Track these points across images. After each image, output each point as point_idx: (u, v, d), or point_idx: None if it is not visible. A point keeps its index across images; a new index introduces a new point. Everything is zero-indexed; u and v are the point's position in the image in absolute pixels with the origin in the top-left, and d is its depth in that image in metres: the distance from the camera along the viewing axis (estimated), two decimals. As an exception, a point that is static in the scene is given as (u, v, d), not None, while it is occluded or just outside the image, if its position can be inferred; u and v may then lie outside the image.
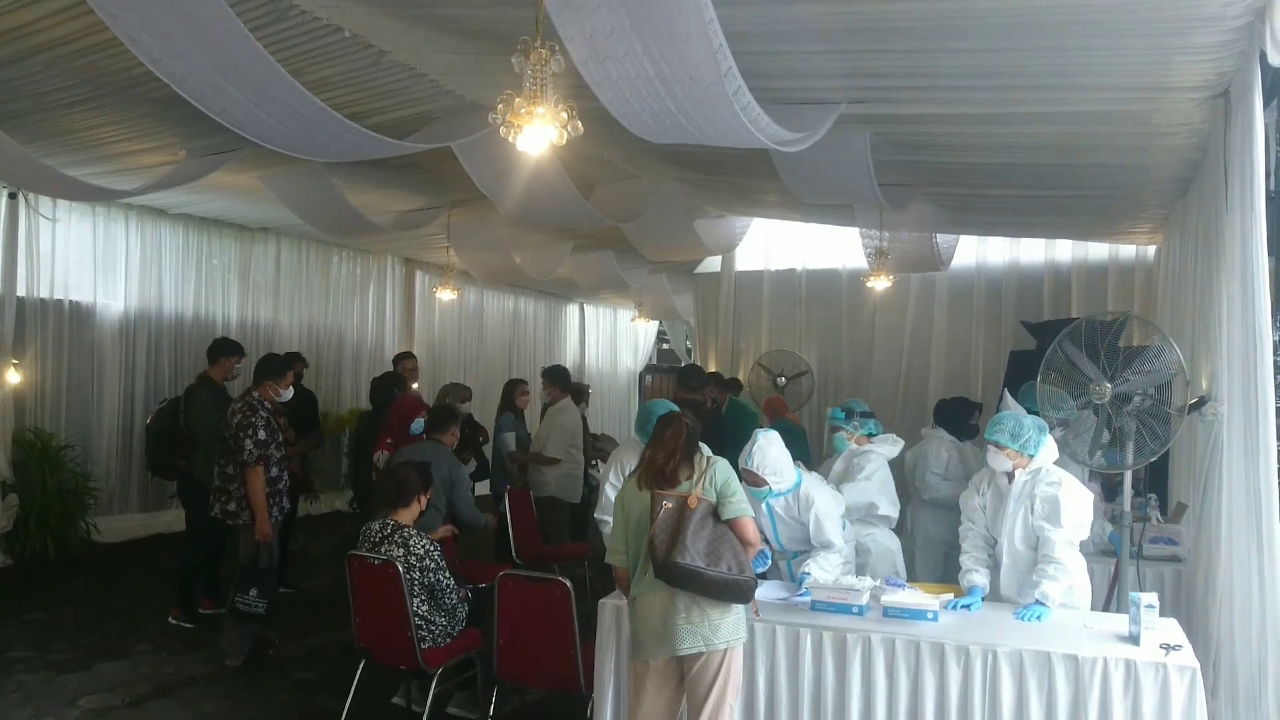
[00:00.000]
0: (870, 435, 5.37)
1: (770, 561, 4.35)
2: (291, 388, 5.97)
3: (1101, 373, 4.25)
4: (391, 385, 7.08)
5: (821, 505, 4.34)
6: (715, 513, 3.48)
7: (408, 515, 4.56)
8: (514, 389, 7.97)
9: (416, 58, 4.94)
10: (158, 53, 3.89)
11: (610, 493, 4.56)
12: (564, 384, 7.73)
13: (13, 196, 7.67)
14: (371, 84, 5.20)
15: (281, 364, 5.91)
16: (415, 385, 8.13)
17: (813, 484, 4.41)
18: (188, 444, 6.31)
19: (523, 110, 2.78)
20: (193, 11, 3.61)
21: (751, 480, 4.19)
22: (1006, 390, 5.91)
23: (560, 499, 7.42)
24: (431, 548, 4.45)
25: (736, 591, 3.42)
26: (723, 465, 3.60)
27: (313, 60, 4.74)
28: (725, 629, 3.44)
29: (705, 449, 3.70)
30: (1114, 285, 9.32)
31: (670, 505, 3.46)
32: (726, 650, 3.46)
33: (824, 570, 4.24)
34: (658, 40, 3.30)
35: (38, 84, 5.06)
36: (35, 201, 7.83)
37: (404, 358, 8.03)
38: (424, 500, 4.65)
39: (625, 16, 3.24)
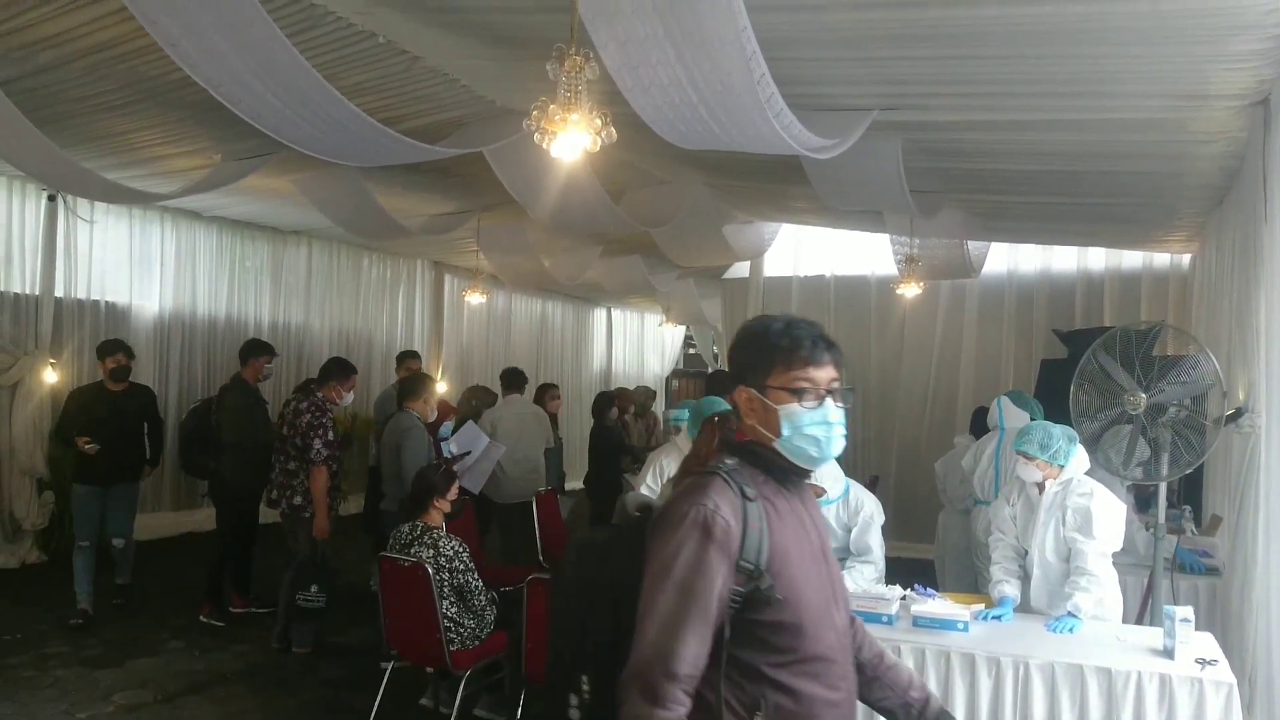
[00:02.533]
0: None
1: None
2: (352, 393, 6.07)
3: (1136, 383, 4.21)
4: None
5: (869, 510, 4.33)
6: None
7: (437, 516, 4.59)
8: (544, 394, 8.00)
9: (449, 63, 4.97)
10: (196, 58, 3.94)
11: (645, 492, 4.55)
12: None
13: (51, 199, 7.80)
14: (404, 89, 5.25)
15: (348, 368, 6.02)
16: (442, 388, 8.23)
17: (858, 489, 4.40)
18: (219, 444, 6.40)
19: (557, 117, 2.79)
20: (230, 17, 3.66)
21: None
22: (1005, 398, 5.85)
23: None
24: (461, 549, 4.48)
25: None
26: None
27: (347, 66, 4.78)
28: None
29: None
30: (1147, 294, 9.21)
31: None
32: None
33: (857, 582, 4.22)
34: (690, 47, 3.31)
35: (79, 89, 5.14)
36: (74, 204, 7.96)
37: (408, 357, 8.10)
38: (445, 503, 4.67)
39: (659, 23, 3.25)
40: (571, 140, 2.87)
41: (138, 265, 8.83)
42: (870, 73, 4.32)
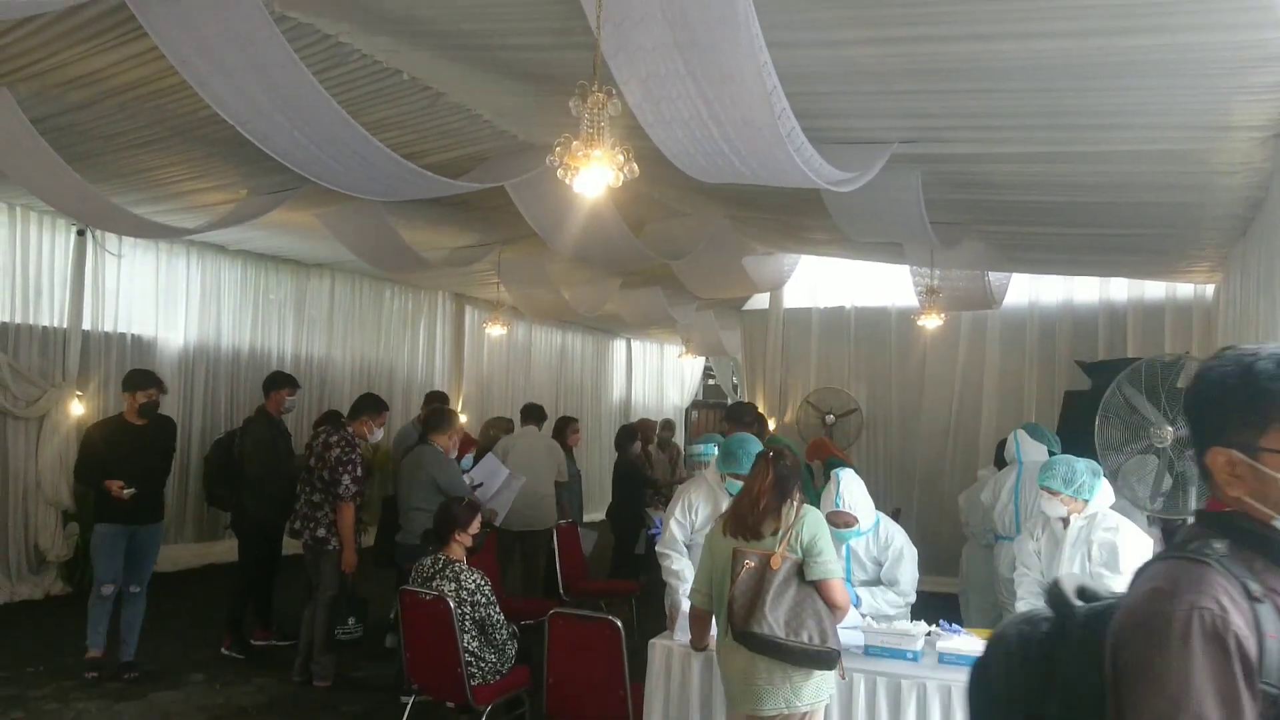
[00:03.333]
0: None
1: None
2: (382, 429, 6.11)
3: (1162, 416, 4.17)
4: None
5: (899, 543, 4.30)
6: (800, 572, 3.32)
7: (458, 550, 4.59)
8: (565, 427, 8.01)
9: (472, 99, 5.03)
10: (224, 95, 4.02)
11: (675, 528, 4.52)
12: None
13: (81, 234, 7.92)
14: (428, 124, 5.32)
15: (380, 404, 6.07)
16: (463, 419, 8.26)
17: (888, 522, 4.38)
18: (242, 476, 6.43)
19: (580, 153, 2.82)
20: (259, 56, 3.73)
21: (841, 522, 4.11)
22: (1021, 431, 5.80)
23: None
24: (483, 582, 4.47)
25: (818, 661, 3.26)
26: (813, 518, 3.42)
27: (371, 102, 4.85)
28: (808, 691, 3.31)
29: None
30: (1171, 325, 9.13)
31: (752, 565, 3.30)
32: (808, 713, 3.34)
33: (874, 600, 4.18)
34: (712, 83, 3.34)
35: (109, 126, 5.24)
36: (102, 239, 8.07)
37: (435, 399, 8.17)
38: (467, 536, 4.67)
39: (680, 60, 3.29)
40: (594, 176, 2.90)
41: (164, 298, 8.93)
42: (890, 106, 4.34)
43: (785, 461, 3.47)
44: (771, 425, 10.15)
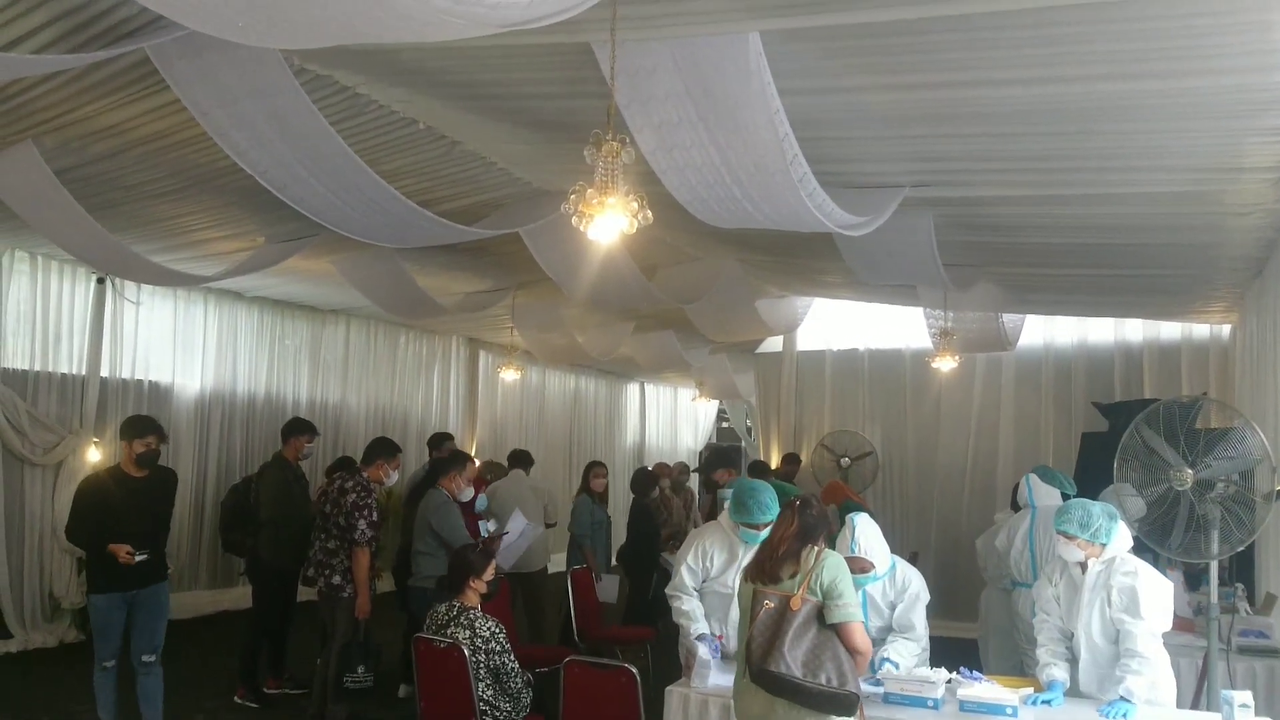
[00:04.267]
0: None
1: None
2: (397, 471, 6.08)
3: (1182, 458, 4.13)
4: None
5: (916, 588, 4.25)
6: (821, 615, 3.27)
7: (473, 596, 4.56)
8: (591, 471, 7.97)
9: (487, 147, 5.10)
10: (244, 146, 4.09)
11: (685, 573, 4.46)
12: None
13: (101, 281, 8.01)
14: (443, 172, 5.39)
15: (394, 447, 6.04)
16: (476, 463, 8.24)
17: (905, 566, 4.33)
18: (257, 522, 6.42)
19: (594, 201, 2.85)
20: (279, 107, 3.80)
21: (857, 567, 4.06)
22: (1033, 475, 5.74)
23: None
24: (497, 629, 4.43)
25: (836, 705, 3.18)
26: (833, 561, 3.36)
27: (388, 151, 4.92)
28: None
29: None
30: (1188, 365, 9.08)
31: (771, 605, 3.26)
32: None
33: (903, 657, 4.13)
34: (724, 130, 3.39)
35: (131, 176, 5.32)
36: (121, 286, 8.16)
37: (443, 439, 8.17)
38: (481, 583, 4.63)
39: (692, 107, 3.34)
40: (609, 223, 2.92)
41: (181, 345, 9.00)
42: (901, 150, 4.38)
43: (811, 510, 3.43)
44: (774, 463, 10.14)
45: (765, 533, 4.20)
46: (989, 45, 3.22)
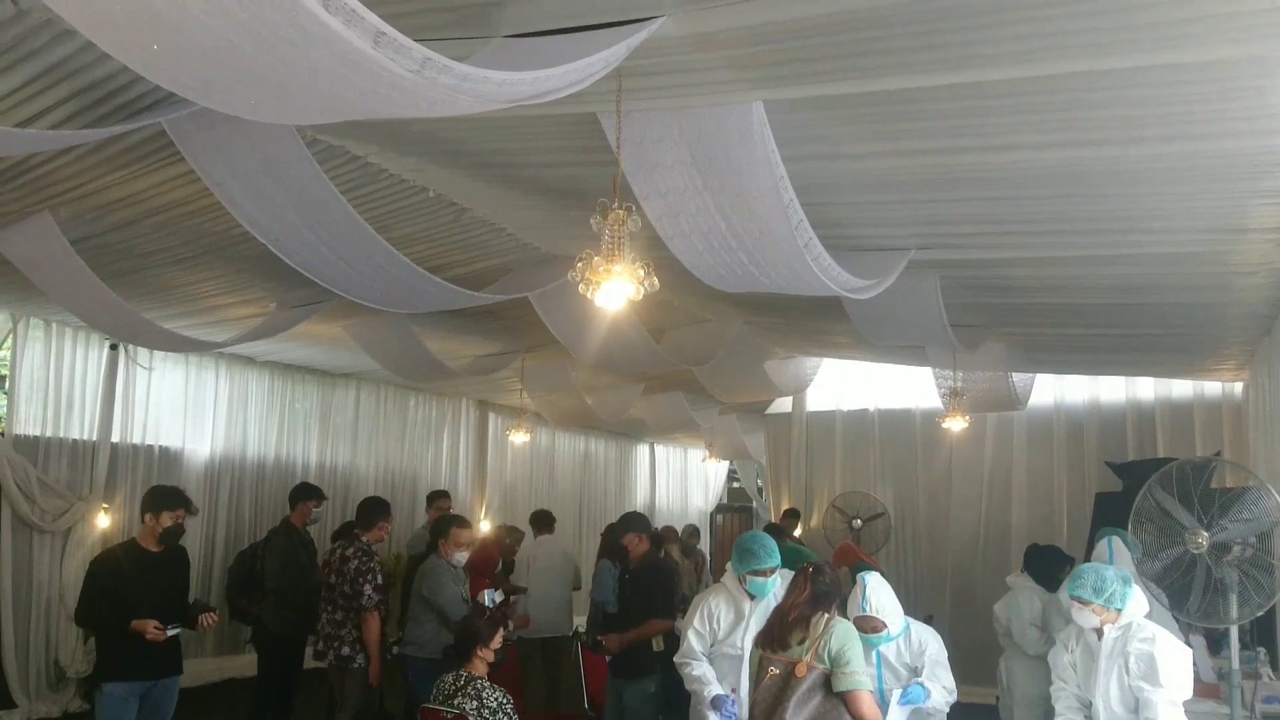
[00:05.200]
0: None
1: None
2: (390, 523, 6.05)
3: (1197, 520, 4.08)
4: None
5: (934, 649, 4.18)
6: (828, 683, 3.21)
7: (481, 665, 4.50)
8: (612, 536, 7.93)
9: (496, 213, 5.17)
10: (256, 215, 4.15)
11: (693, 638, 4.38)
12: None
13: (114, 347, 8.07)
14: (453, 238, 5.45)
15: (385, 504, 6.03)
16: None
17: (919, 627, 4.26)
18: (264, 589, 6.37)
19: (601, 268, 2.88)
20: (291, 177, 3.86)
21: (868, 627, 4.01)
22: (1115, 539, 5.58)
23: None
24: (505, 700, 4.36)
25: None
26: (842, 629, 3.34)
27: (398, 218, 4.99)
28: None
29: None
30: (1200, 423, 9.01)
31: (776, 672, 3.23)
32: None
33: (936, 690, 4.05)
34: (729, 197, 3.43)
35: (146, 244, 5.39)
36: (134, 352, 8.22)
37: (438, 497, 8.15)
38: (489, 651, 4.57)
39: (697, 175, 3.38)
40: (615, 290, 2.95)
41: (192, 410, 9.03)
42: (906, 214, 4.42)
43: (825, 578, 3.40)
44: (798, 531, 10.03)
45: (774, 577, 4.16)
46: (990, 112, 3.27)
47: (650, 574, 5.71)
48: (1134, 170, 3.64)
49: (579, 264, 2.93)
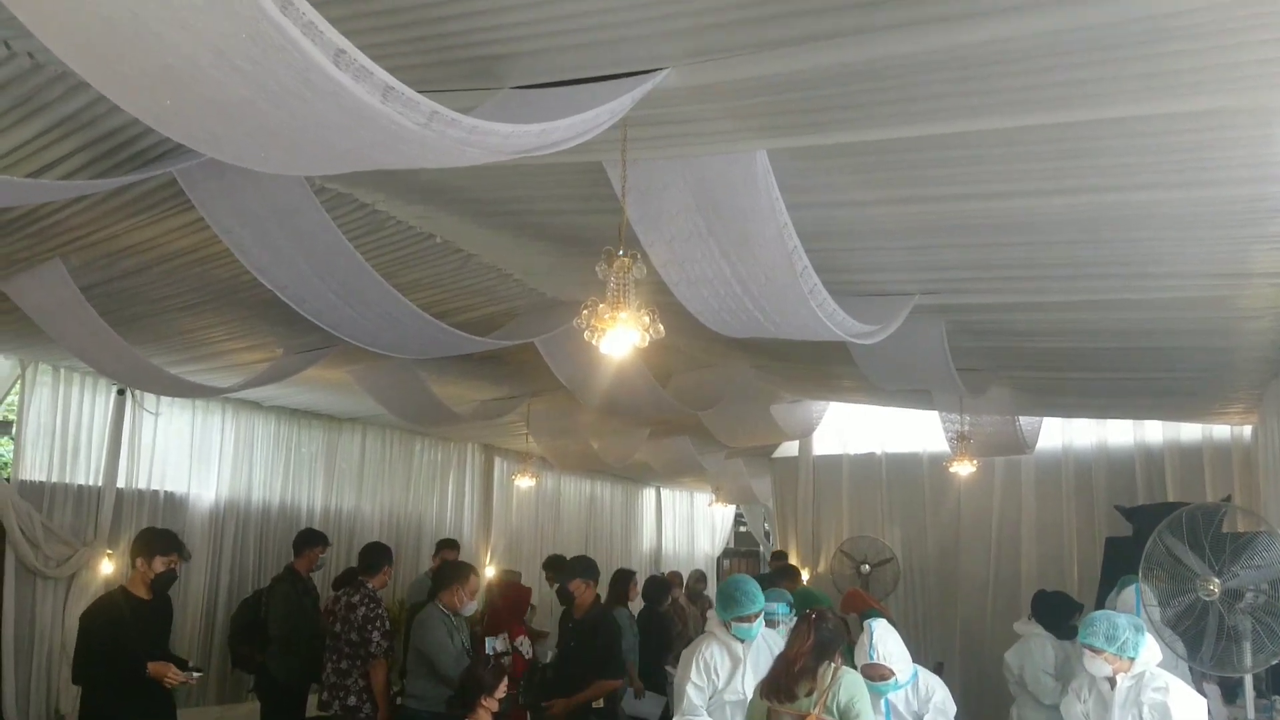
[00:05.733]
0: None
1: None
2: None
3: (1208, 567, 4.04)
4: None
5: (941, 696, 4.13)
6: None
7: (485, 716, 4.45)
8: (627, 581, 7.77)
9: (502, 259, 5.20)
10: (264, 262, 4.18)
11: (692, 693, 4.30)
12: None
13: (121, 393, 8.08)
14: (459, 284, 5.47)
15: (387, 550, 5.98)
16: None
17: (927, 675, 4.22)
18: (267, 636, 6.33)
19: (606, 315, 2.90)
20: (299, 225, 3.90)
21: (876, 674, 3.96)
22: (1143, 584, 5.49)
23: None
24: (509, 751, 4.31)
25: None
26: (850, 680, 3.31)
27: (405, 264, 5.02)
28: None
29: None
30: (1210, 466, 8.96)
31: None
32: None
33: None
34: (734, 244, 3.45)
35: (155, 291, 5.42)
36: (141, 397, 8.23)
37: (445, 546, 8.08)
38: (494, 701, 4.50)
39: (702, 222, 3.41)
40: (621, 337, 2.96)
41: (198, 455, 9.01)
42: (910, 260, 4.44)
43: (828, 624, 3.37)
44: (805, 575, 9.94)
45: (758, 623, 4.12)
46: (993, 160, 3.29)
47: (597, 627, 5.49)
48: (1138, 216, 3.66)
49: (584, 311, 2.95)
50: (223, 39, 1.53)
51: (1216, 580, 4.04)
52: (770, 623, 4.77)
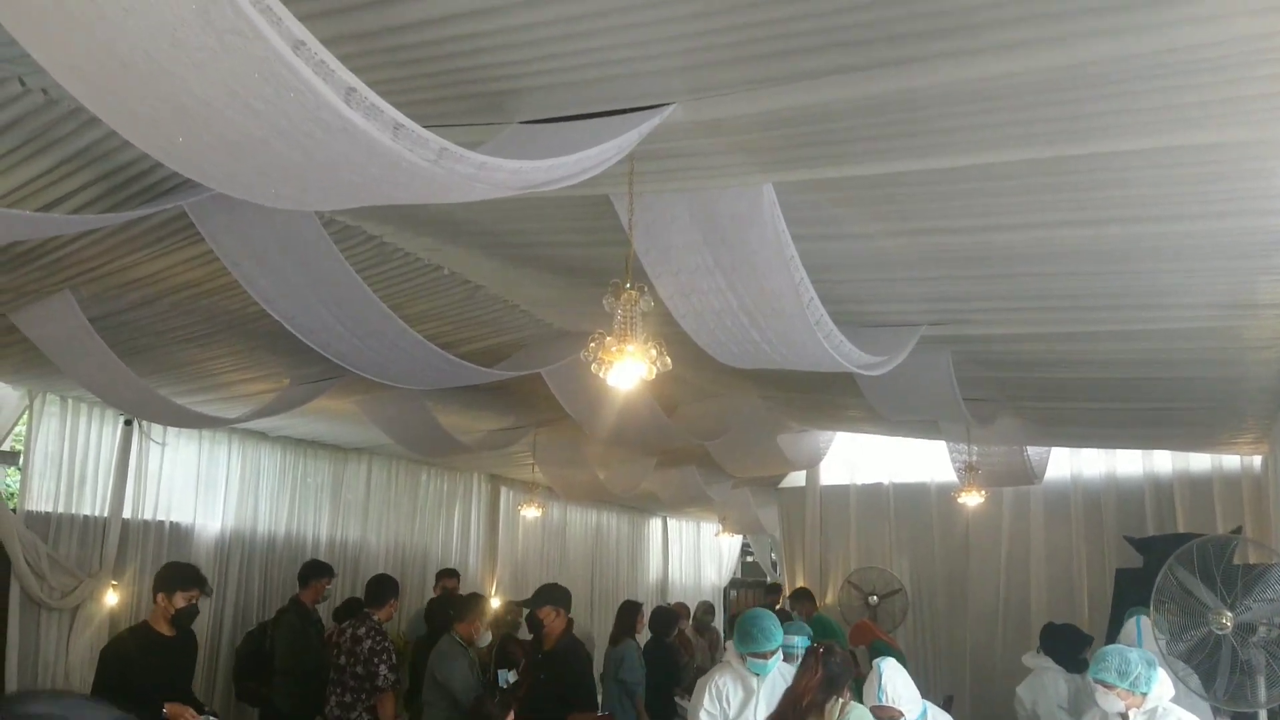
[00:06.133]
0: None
1: None
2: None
3: (1220, 600, 4.01)
4: (448, 609, 7.02)
5: None
6: None
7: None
8: (635, 613, 7.74)
9: (509, 291, 5.21)
10: (273, 294, 4.20)
11: (704, 718, 4.30)
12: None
13: (128, 423, 8.09)
14: (466, 315, 5.49)
15: (395, 584, 5.96)
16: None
17: (936, 711, 4.17)
18: (272, 668, 6.30)
19: (614, 348, 2.90)
20: (308, 257, 3.92)
21: (885, 716, 3.92)
22: (1143, 618, 5.44)
23: None
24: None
25: None
26: (858, 715, 3.30)
27: (412, 296, 5.04)
28: None
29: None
30: (1220, 497, 8.90)
31: None
32: None
33: None
34: (740, 276, 3.46)
35: (163, 322, 5.44)
36: (148, 428, 8.23)
37: (445, 575, 8.05)
38: None
39: (709, 255, 3.42)
40: (628, 370, 2.96)
41: (204, 485, 9.00)
42: (916, 290, 4.44)
43: (836, 659, 3.35)
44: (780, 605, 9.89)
45: (774, 660, 4.10)
46: (998, 192, 3.30)
47: (569, 659, 5.38)
48: (1145, 247, 3.66)
49: (592, 344, 2.95)
50: (236, 79, 1.55)
51: (1229, 613, 4.00)
52: (788, 656, 4.70)
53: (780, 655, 4.20)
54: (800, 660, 3.68)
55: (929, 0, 2.13)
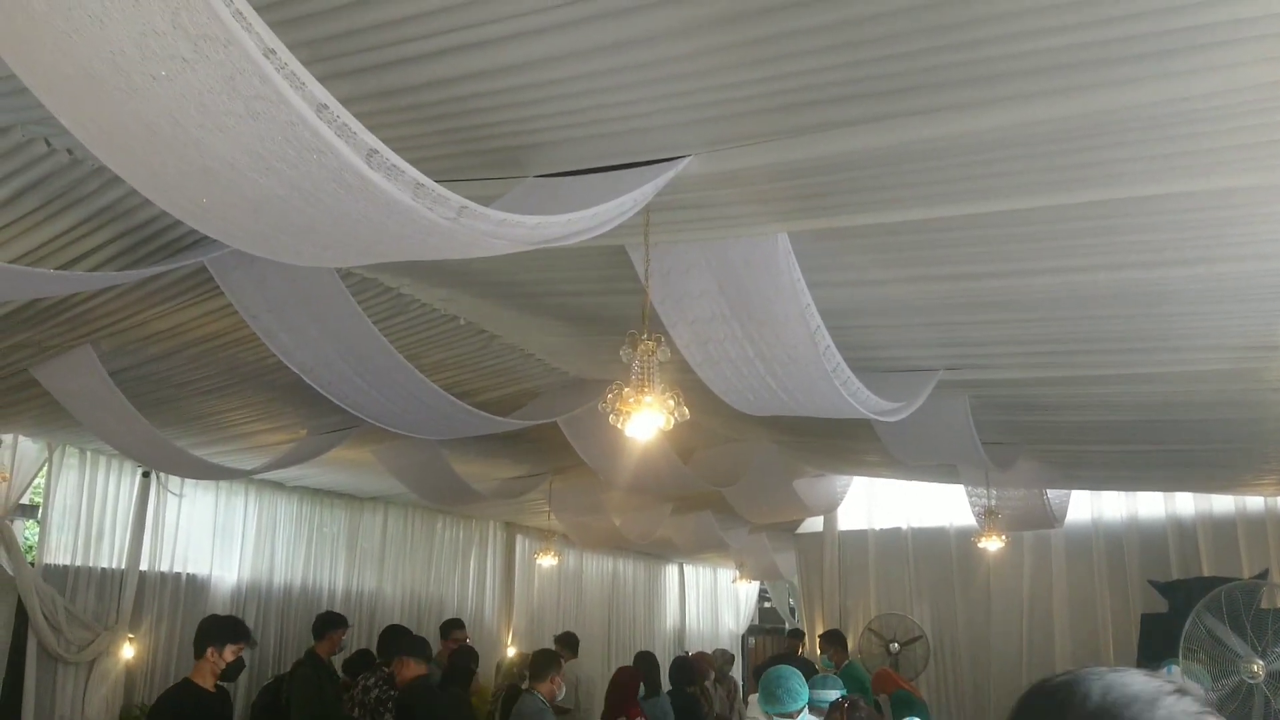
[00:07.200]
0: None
1: None
2: None
3: (1251, 648, 3.94)
4: (468, 662, 6.96)
5: None
6: None
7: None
8: (652, 661, 7.67)
9: (525, 340, 5.24)
10: (291, 347, 4.23)
11: None
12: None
13: (146, 475, 8.11)
14: (482, 364, 5.51)
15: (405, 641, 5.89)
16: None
17: None
18: (286, 722, 6.25)
19: (631, 399, 2.90)
20: (326, 310, 3.95)
21: None
22: (1176, 668, 5.37)
23: None
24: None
25: None
26: None
27: (429, 346, 5.06)
28: None
29: None
30: (1245, 539, 8.76)
31: None
32: None
33: None
34: (756, 324, 3.47)
35: (182, 375, 5.48)
36: (165, 479, 8.26)
37: (453, 627, 7.98)
38: None
39: (725, 304, 3.43)
40: (646, 420, 2.96)
41: (220, 536, 8.99)
42: (932, 336, 4.44)
43: (861, 714, 3.31)
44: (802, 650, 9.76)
45: (801, 718, 4.05)
46: (1014, 239, 3.31)
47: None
48: (1162, 292, 3.66)
49: (609, 395, 2.95)
50: (260, 142, 1.58)
51: (1260, 662, 3.93)
52: (817, 711, 4.49)
53: (806, 712, 4.13)
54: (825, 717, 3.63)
55: (948, 52, 2.15)
